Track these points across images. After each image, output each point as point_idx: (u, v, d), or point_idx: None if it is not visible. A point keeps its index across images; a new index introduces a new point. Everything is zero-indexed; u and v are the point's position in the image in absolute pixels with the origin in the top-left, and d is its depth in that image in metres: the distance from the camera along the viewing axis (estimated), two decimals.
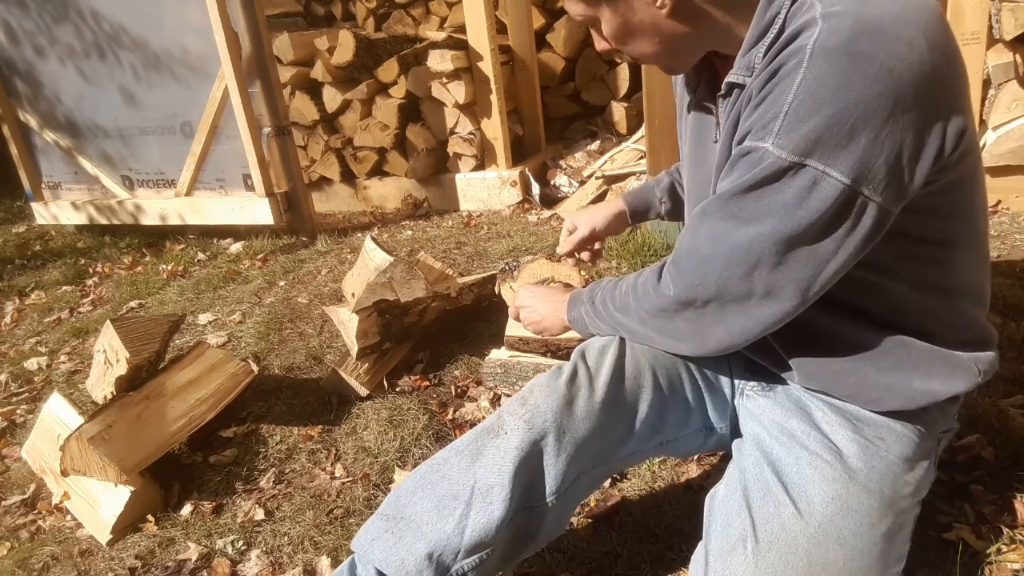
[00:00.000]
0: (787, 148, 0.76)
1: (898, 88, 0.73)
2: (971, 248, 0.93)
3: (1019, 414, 1.40)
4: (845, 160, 0.75)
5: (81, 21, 3.42)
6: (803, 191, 0.77)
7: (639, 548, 1.25)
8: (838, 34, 0.73)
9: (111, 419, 1.55)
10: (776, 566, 0.85)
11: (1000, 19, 2.31)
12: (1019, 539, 1.13)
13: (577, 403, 0.99)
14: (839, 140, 0.74)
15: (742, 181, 0.81)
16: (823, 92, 0.74)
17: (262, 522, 1.50)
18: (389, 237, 3.31)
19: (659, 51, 0.92)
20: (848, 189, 0.76)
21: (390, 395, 1.87)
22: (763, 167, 0.78)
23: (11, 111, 3.82)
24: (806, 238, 0.80)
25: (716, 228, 0.85)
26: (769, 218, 0.80)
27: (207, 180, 3.49)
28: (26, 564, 1.50)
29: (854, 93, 0.73)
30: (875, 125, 0.74)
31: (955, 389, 0.92)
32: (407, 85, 3.49)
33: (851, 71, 0.73)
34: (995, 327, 1.75)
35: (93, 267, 3.53)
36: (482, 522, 0.94)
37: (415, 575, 0.95)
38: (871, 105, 0.73)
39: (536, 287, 1.29)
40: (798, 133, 0.75)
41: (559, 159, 3.74)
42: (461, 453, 0.99)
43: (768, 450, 0.96)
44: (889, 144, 0.75)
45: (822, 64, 0.74)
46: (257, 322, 2.47)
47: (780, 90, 0.77)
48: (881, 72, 0.72)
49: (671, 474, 1.42)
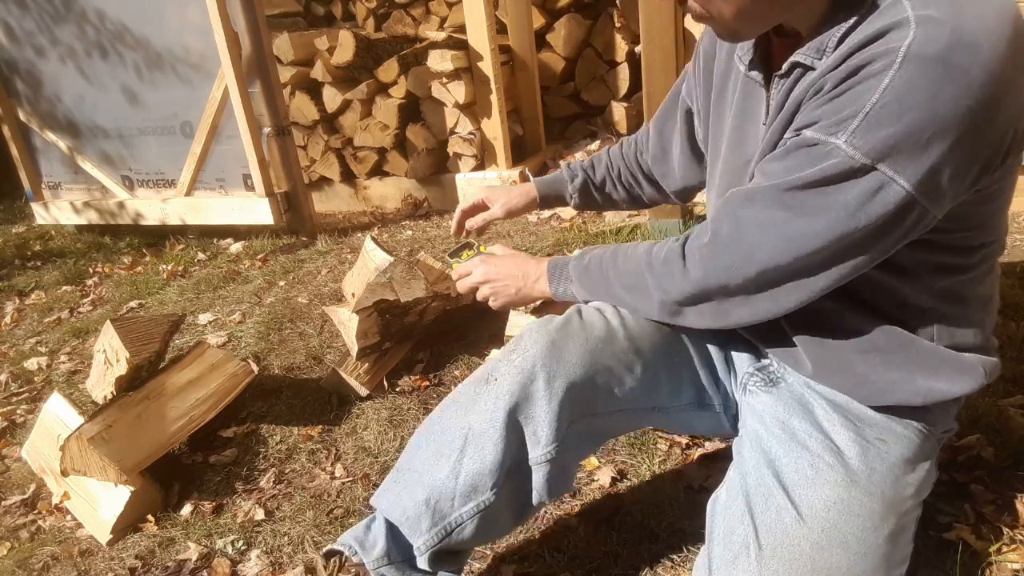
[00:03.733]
0: (861, 149, 0.75)
1: (981, 106, 0.72)
2: (992, 260, 0.93)
3: (1019, 414, 1.40)
4: (915, 170, 0.74)
5: (81, 21, 3.42)
6: (868, 194, 0.77)
7: (639, 548, 1.25)
8: (935, 42, 0.71)
9: (111, 419, 1.55)
10: (780, 573, 0.85)
11: None
12: (1019, 539, 1.13)
13: (568, 347, 0.98)
14: (914, 149, 0.73)
15: (805, 174, 0.79)
16: (911, 99, 0.72)
17: (262, 522, 1.50)
18: (389, 237, 3.31)
19: (740, 10, 0.84)
20: (909, 196, 0.76)
21: (390, 395, 1.87)
22: (831, 163, 0.77)
23: (11, 111, 3.82)
24: (857, 238, 0.79)
25: (765, 216, 0.83)
26: (827, 214, 0.79)
27: (207, 180, 3.49)
28: (26, 564, 1.50)
29: (941, 106, 0.72)
30: (952, 139, 0.73)
31: (958, 390, 0.92)
32: (407, 85, 3.49)
33: (944, 83, 0.71)
34: (995, 327, 1.75)
35: (93, 267, 3.53)
36: (475, 467, 0.97)
37: (415, 520, 1.01)
38: (954, 119, 0.72)
39: (494, 257, 1.20)
40: (876, 136, 0.74)
41: (559, 159, 3.73)
42: (457, 403, 1.03)
43: (768, 449, 0.95)
44: (959, 158, 0.74)
45: (915, 71, 0.72)
46: (257, 322, 2.47)
47: (863, 88, 0.75)
48: (972, 88, 0.71)
49: (671, 474, 1.42)
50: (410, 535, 1.03)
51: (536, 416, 0.97)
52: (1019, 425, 1.36)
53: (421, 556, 1.04)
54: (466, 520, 1.00)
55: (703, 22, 0.86)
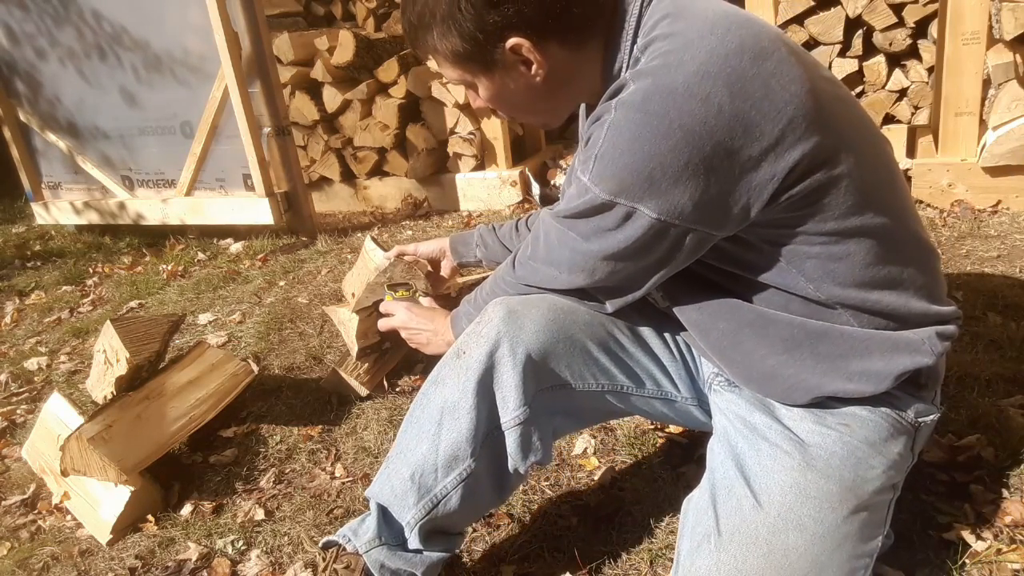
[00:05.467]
0: (599, 187, 0.87)
1: (693, 140, 0.81)
2: (888, 240, 0.93)
3: (1019, 414, 1.40)
4: (650, 200, 0.85)
5: (81, 22, 3.42)
6: (619, 220, 0.89)
7: (639, 548, 1.25)
8: (636, 93, 0.83)
9: (111, 419, 1.55)
10: (737, 557, 0.88)
11: (1000, 19, 2.31)
12: (1019, 539, 1.13)
13: (528, 315, 1.05)
14: (641, 184, 0.84)
15: (573, 205, 0.93)
16: (622, 143, 0.84)
17: (262, 522, 1.50)
18: (389, 237, 3.31)
19: (535, 113, 1.03)
20: (658, 222, 0.87)
21: (390, 395, 1.87)
22: (586, 199, 0.90)
23: (11, 112, 3.82)
24: (627, 256, 0.92)
25: (558, 238, 0.99)
26: (595, 238, 0.93)
27: (207, 180, 3.49)
28: (26, 564, 1.50)
29: (647, 146, 0.82)
30: (673, 173, 0.82)
31: (902, 367, 0.93)
32: (407, 85, 3.49)
33: (643, 127, 0.82)
34: (995, 327, 1.75)
35: (93, 267, 3.53)
36: (452, 437, 1.03)
37: (402, 496, 1.06)
38: (666, 157, 0.82)
39: (417, 307, 1.39)
40: (607, 174, 0.86)
41: (559, 159, 3.74)
42: (434, 382, 1.09)
43: (733, 444, 0.98)
44: (693, 187, 0.83)
45: (621, 119, 0.84)
46: (257, 322, 2.47)
47: (596, 135, 0.87)
48: (672, 128, 0.81)
49: (671, 474, 1.43)
50: (399, 513, 1.07)
51: (503, 381, 1.02)
52: (1019, 425, 1.36)
53: (411, 532, 1.07)
54: (451, 490, 1.05)
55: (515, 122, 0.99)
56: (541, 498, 1.42)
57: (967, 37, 2.44)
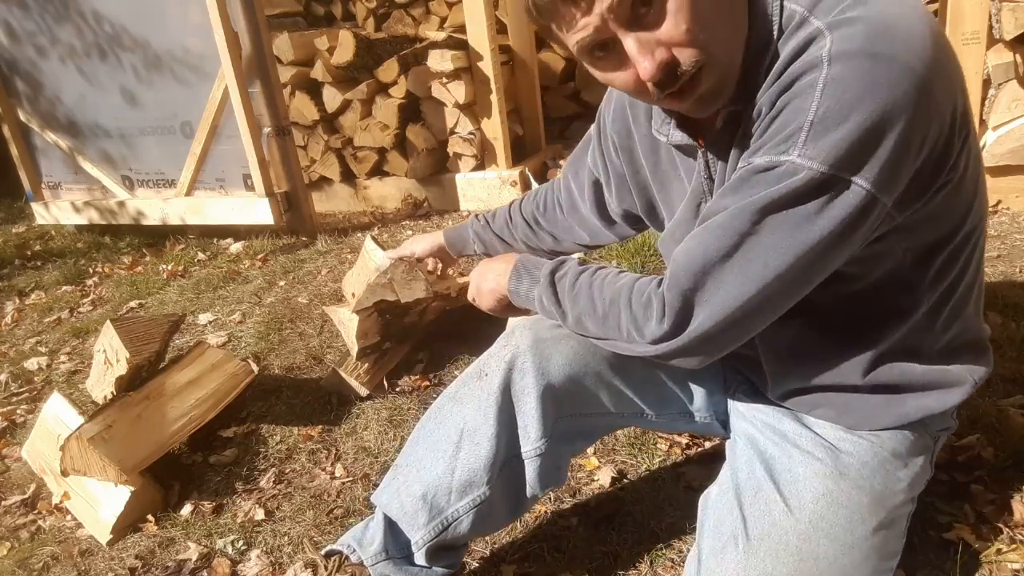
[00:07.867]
0: (817, 159, 0.72)
1: (918, 86, 0.70)
2: (969, 259, 0.91)
3: (1019, 414, 1.40)
4: (873, 166, 0.72)
5: (81, 21, 3.42)
6: (828, 200, 0.73)
7: (639, 548, 1.25)
8: (852, 39, 0.71)
9: (111, 419, 1.55)
10: (767, 562, 0.86)
11: (1000, 19, 2.31)
12: (1019, 539, 1.13)
13: (557, 346, 1.01)
14: (869, 145, 0.71)
15: (764, 194, 0.75)
16: (850, 97, 0.70)
17: (262, 522, 1.50)
18: (389, 237, 3.31)
19: (721, 40, 0.77)
20: (870, 195, 0.73)
21: (390, 395, 1.87)
22: (790, 182, 0.73)
23: (11, 111, 3.82)
24: (822, 247, 0.75)
25: (729, 244, 0.78)
26: (790, 231, 0.75)
27: (207, 180, 3.49)
28: (26, 564, 1.50)
29: (882, 95, 0.70)
30: (901, 124, 0.71)
31: (950, 402, 0.93)
32: (407, 85, 3.49)
33: (876, 73, 0.70)
34: (995, 327, 1.75)
35: (93, 267, 3.53)
36: (470, 462, 1.00)
37: (412, 515, 1.03)
38: (899, 106, 0.70)
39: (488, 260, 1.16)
40: (827, 142, 0.71)
41: (559, 159, 3.73)
42: (452, 399, 1.05)
43: (762, 449, 0.96)
44: (912, 143, 0.72)
45: (843, 69, 0.70)
46: (257, 322, 2.47)
47: (800, 101, 0.73)
48: (904, 71, 0.70)
49: (671, 474, 1.42)
50: (408, 530, 1.04)
51: (526, 411, 1.00)
52: (1019, 425, 1.36)
53: (419, 551, 1.05)
54: (463, 515, 1.02)
55: (685, 89, 0.78)
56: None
57: (967, 37, 2.44)
